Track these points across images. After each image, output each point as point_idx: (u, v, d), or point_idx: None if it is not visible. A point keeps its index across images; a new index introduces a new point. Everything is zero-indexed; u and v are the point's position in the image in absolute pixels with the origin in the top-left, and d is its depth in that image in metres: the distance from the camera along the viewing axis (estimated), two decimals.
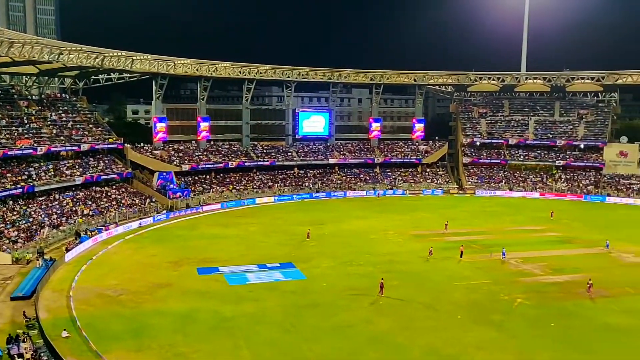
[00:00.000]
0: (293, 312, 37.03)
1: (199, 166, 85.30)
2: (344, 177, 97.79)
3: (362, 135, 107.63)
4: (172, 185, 77.71)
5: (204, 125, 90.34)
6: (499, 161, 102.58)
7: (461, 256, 51.14)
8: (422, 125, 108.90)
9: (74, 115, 77.60)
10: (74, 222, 61.08)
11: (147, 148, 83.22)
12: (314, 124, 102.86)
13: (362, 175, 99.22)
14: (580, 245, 57.96)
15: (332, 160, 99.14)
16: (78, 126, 75.19)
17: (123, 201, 70.59)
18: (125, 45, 74.99)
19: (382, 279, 41.76)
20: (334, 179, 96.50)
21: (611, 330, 34.57)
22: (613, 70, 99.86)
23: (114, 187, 73.72)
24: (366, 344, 32.04)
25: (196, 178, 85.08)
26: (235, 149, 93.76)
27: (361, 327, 34.43)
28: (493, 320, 35.95)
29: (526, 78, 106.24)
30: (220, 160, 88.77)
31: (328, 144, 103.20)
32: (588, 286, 41.46)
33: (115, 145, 77.83)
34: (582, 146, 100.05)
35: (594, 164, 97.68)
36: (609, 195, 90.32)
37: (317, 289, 41.92)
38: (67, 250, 51.55)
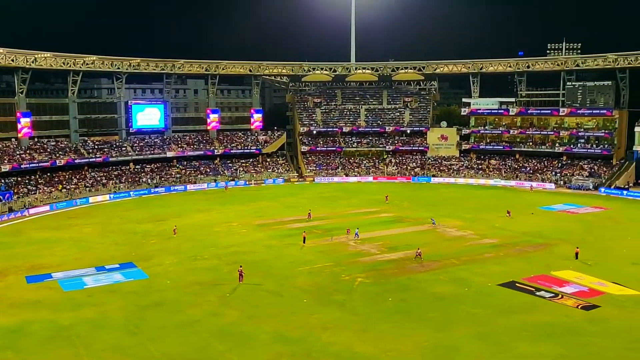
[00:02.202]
0: (136, 313, 35.60)
1: (22, 166, 78.20)
2: (184, 170, 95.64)
3: (200, 126, 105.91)
4: None
5: (25, 121, 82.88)
6: (334, 148, 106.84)
7: (304, 242, 52.59)
8: (260, 115, 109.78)
9: None
10: None
11: None
12: (149, 116, 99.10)
13: (202, 168, 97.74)
14: (411, 223, 62.48)
15: (170, 154, 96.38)
16: None
17: None
18: None
19: (241, 266, 42.14)
20: (173, 173, 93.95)
21: (440, 298, 37.80)
22: (432, 60, 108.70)
23: None
24: (213, 337, 31.82)
25: (19, 179, 77.91)
26: (63, 145, 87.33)
27: (208, 321, 34.09)
28: (336, 300, 37.55)
29: (356, 68, 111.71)
30: (47, 158, 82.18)
31: (165, 137, 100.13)
32: (417, 254, 46.48)
33: None
34: (408, 131, 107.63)
35: (420, 148, 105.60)
36: (433, 176, 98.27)
37: (161, 287, 40.69)
38: None
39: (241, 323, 33.74)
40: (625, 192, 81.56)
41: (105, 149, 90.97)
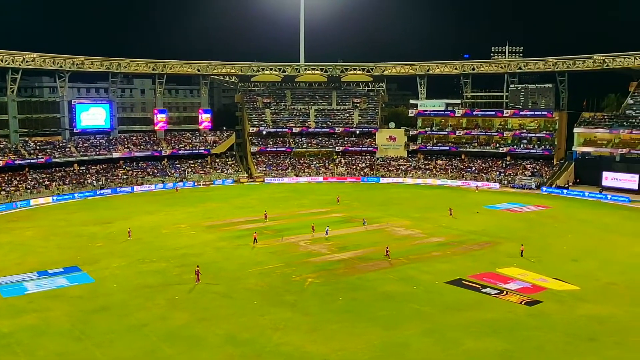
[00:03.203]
0: (82, 318, 34.66)
1: None
2: (130, 172, 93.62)
3: (148, 127, 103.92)
4: None
5: None
6: (284, 149, 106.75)
7: (255, 242, 52.40)
8: (208, 115, 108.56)
9: None
10: None
11: None
12: (94, 116, 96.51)
13: (149, 169, 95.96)
14: (360, 223, 62.95)
15: (116, 154, 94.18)
16: None
17: None
18: None
19: (198, 266, 42.09)
20: (120, 174, 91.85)
21: (390, 297, 38.36)
22: (380, 62, 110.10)
23: None
24: (162, 340, 31.33)
25: None
26: (2, 146, 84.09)
27: (156, 325, 33.55)
28: (287, 301, 37.58)
29: (305, 69, 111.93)
30: None
31: (111, 137, 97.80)
32: (386, 252, 47.42)
33: None
34: (357, 132, 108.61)
35: (369, 148, 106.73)
36: (382, 176, 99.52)
37: (108, 291, 39.77)
38: None
39: (191, 326, 33.35)
40: (565, 191, 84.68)
41: (48, 150, 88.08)
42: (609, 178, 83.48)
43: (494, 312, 35.52)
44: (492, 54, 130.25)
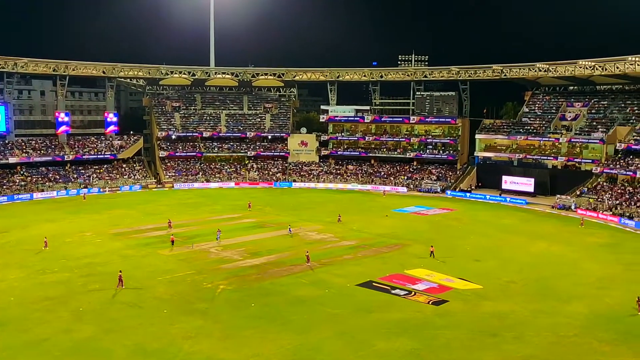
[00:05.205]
0: None
1: None
2: (29, 178, 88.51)
3: (49, 130, 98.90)
4: None
5: None
6: (194, 154, 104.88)
7: (172, 245, 52.70)
8: (115, 119, 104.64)
9: None
10: None
11: None
12: None
13: (50, 175, 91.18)
14: (273, 228, 63.04)
15: (12, 160, 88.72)
16: None
17: None
18: None
19: (120, 271, 41.15)
20: (17, 180, 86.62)
21: (302, 301, 38.56)
22: (292, 67, 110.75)
23: None
24: (66, 355, 29.82)
25: None
26: None
27: (59, 339, 31.87)
28: (198, 309, 36.88)
29: (215, 73, 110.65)
30: None
31: (7, 142, 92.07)
32: (306, 257, 47.68)
33: None
34: (269, 137, 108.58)
35: (281, 153, 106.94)
36: (294, 181, 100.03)
37: (4, 305, 37.28)
38: None
39: (97, 338, 31.97)
40: (468, 194, 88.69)
41: None
42: (508, 182, 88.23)
43: (403, 312, 36.57)
44: (399, 62, 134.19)
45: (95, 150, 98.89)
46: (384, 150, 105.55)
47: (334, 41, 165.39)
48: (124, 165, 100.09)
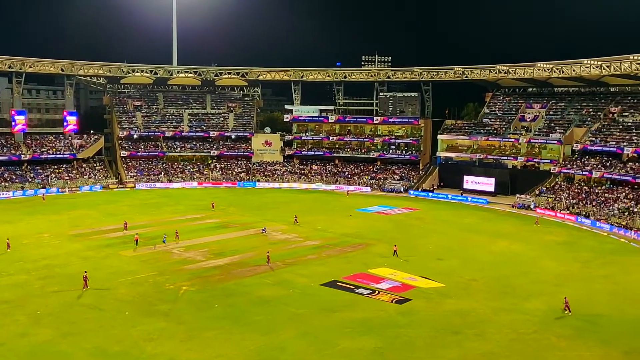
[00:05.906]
0: None
1: None
2: None
3: (4, 129, 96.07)
4: None
5: None
6: (157, 153, 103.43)
7: (137, 244, 52.51)
8: (74, 118, 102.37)
9: None
10: None
11: None
12: None
13: (7, 175, 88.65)
14: (237, 228, 62.66)
15: None
16: None
17: None
18: None
19: (85, 272, 40.60)
20: None
21: (266, 301, 38.42)
22: (255, 67, 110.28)
23: None
24: (23, 359, 29.09)
25: None
26: None
27: (16, 343, 31.01)
28: (160, 310, 36.40)
29: (178, 72, 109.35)
30: None
31: None
32: (267, 258, 47.54)
33: None
34: (233, 137, 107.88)
35: (245, 153, 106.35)
36: (258, 180, 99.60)
37: None
38: None
39: (56, 342, 31.24)
40: (430, 194, 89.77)
41: None
42: (469, 181, 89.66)
43: (367, 311, 36.79)
44: (362, 63, 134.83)
45: (54, 149, 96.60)
46: (348, 150, 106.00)
47: (298, 41, 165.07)
48: (84, 165, 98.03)
